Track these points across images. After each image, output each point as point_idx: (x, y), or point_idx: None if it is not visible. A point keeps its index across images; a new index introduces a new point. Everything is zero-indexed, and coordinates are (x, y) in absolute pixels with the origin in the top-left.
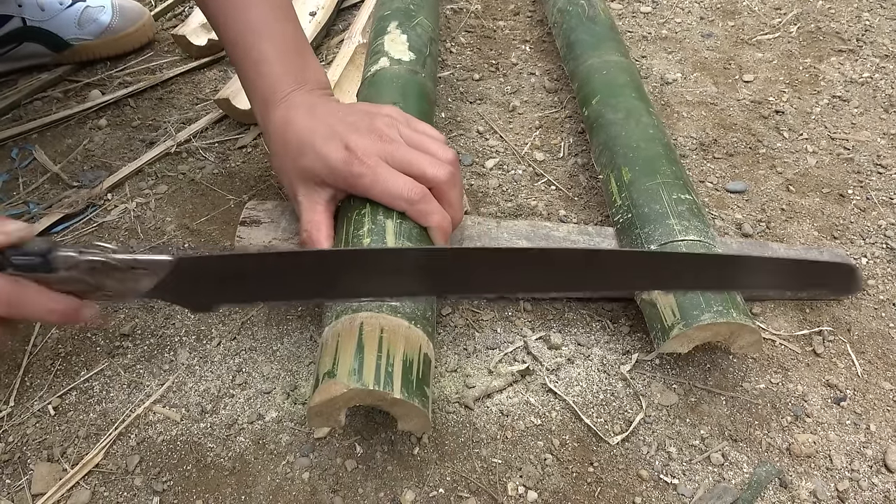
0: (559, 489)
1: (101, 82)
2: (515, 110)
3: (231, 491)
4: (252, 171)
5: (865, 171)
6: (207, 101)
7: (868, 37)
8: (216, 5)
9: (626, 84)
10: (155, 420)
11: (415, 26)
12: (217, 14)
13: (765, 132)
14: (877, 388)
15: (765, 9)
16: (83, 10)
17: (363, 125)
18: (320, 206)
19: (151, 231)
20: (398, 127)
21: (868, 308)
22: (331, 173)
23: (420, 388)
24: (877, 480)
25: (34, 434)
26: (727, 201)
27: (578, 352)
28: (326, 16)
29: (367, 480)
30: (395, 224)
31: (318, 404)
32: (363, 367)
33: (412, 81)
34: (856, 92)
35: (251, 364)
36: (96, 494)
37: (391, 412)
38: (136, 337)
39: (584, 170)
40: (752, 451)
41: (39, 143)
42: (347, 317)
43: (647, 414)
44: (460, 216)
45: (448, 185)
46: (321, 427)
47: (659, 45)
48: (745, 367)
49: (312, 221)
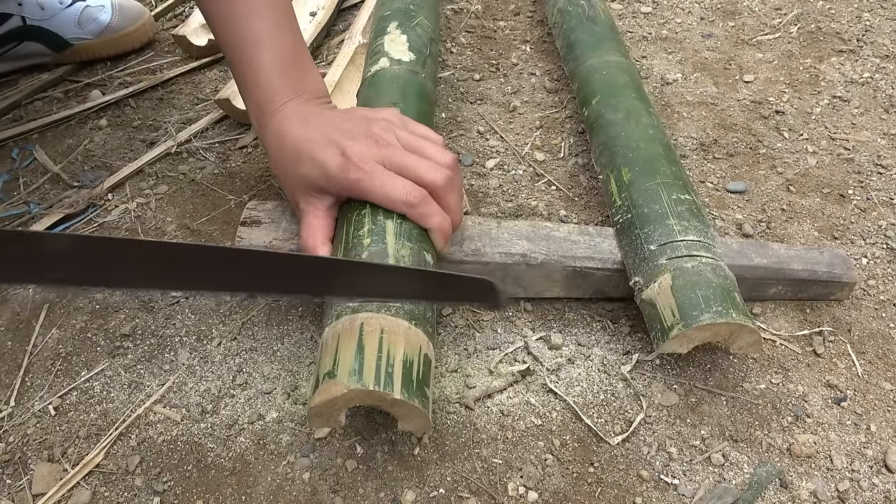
0: (560, 489)
1: (102, 82)
2: (516, 110)
3: (231, 491)
4: (252, 172)
5: (866, 171)
6: (208, 102)
7: (868, 37)
8: (219, 14)
9: (625, 84)
10: (155, 420)
11: (415, 26)
12: (219, 23)
13: (765, 132)
14: (877, 389)
15: (765, 9)
16: (83, 9)
17: (359, 131)
18: (320, 213)
19: (152, 231)
20: (395, 131)
21: (868, 308)
22: (329, 180)
23: (420, 389)
24: (877, 481)
25: (35, 434)
26: (727, 201)
27: (579, 352)
28: (327, 16)
29: (368, 481)
30: (395, 224)
31: (319, 405)
32: (363, 368)
33: (412, 82)
34: (856, 92)
35: (252, 364)
36: (97, 495)
37: (391, 412)
38: (137, 337)
39: (585, 170)
40: (752, 451)
41: (40, 143)
42: (347, 317)
43: (647, 414)
44: (459, 219)
45: (445, 189)
46: (321, 427)
47: (659, 45)
48: (745, 368)
49: (310, 226)
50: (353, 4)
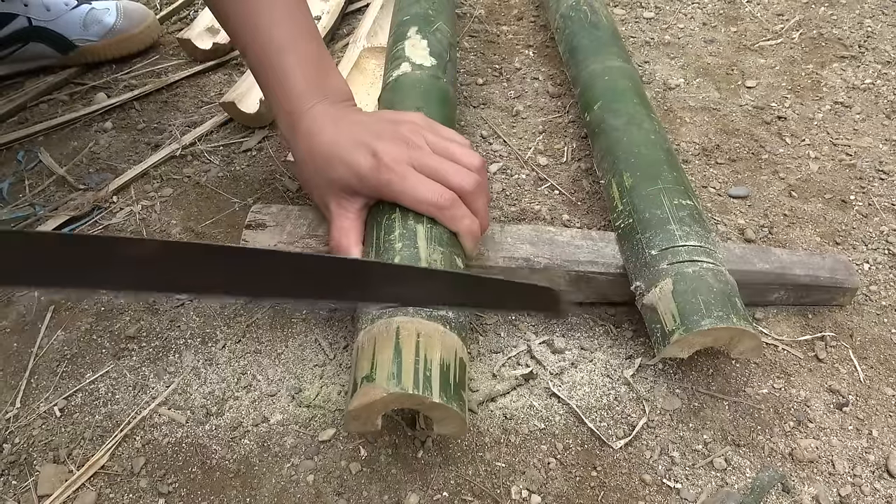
0: (562, 493)
1: (107, 85)
2: (519, 115)
3: (236, 493)
4: (257, 175)
5: (867, 176)
6: (212, 105)
7: (870, 43)
8: (241, 25)
9: (627, 89)
10: (160, 422)
11: (434, 31)
12: (241, 33)
13: (767, 138)
14: (879, 394)
15: (767, 15)
16: (88, 11)
17: (388, 133)
18: (351, 214)
19: (157, 234)
20: (423, 133)
21: (870, 314)
22: (360, 181)
23: (457, 392)
24: (879, 486)
25: (40, 435)
26: (730, 206)
27: (582, 356)
28: (331, 20)
29: (372, 483)
30: (425, 228)
31: (357, 408)
32: (402, 372)
33: (434, 87)
34: (858, 98)
35: (256, 367)
36: (102, 496)
37: (429, 416)
38: (142, 339)
39: (588, 174)
40: (754, 455)
41: (45, 146)
42: (383, 321)
43: (650, 418)
44: (486, 223)
45: (473, 194)
46: (358, 431)
47: (662, 50)
48: (747, 373)
49: (342, 228)
50: (358, 9)
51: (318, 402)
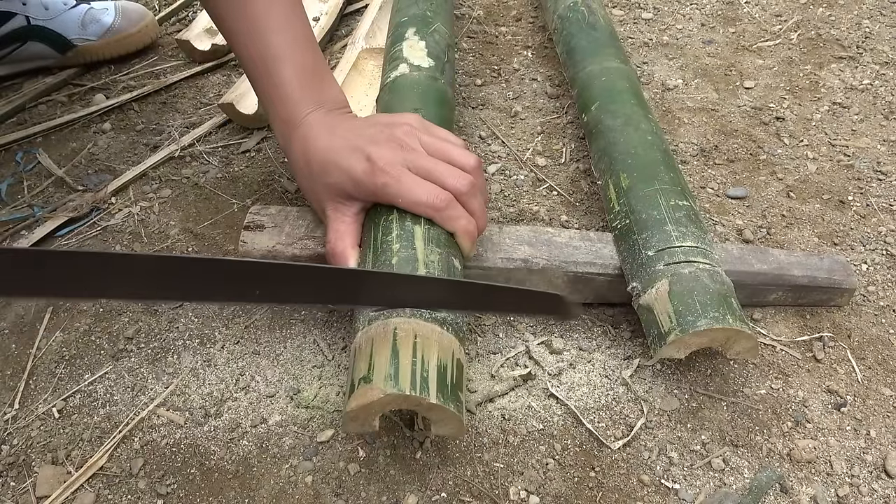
0: (561, 494)
1: (106, 86)
2: (517, 116)
3: (234, 494)
4: (255, 176)
5: (865, 177)
6: (211, 106)
7: (868, 44)
8: (238, 31)
9: (625, 90)
10: (159, 423)
11: (432, 32)
12: (238, 40)
13: (765, 138)
14: (877, 394)
15: (765, 16)
16: (87, 10)
17: (382, 136)
18: (348, 218)
19: (155, 235)
20: (418, 135)
21: (868, 314)
22: (356, 186)
23: (455, 393)
24: (877, 486)
25: (39, 437)
26: (728, 207)
27: (580, 357)
28: (330, 21)
29: (370, 484)
30: (423, 230)
31: (355, 409)
32: (399, 373)
33: (432, 88)
34: (856, 99)
35: (254, 368)
36: (100, 497)
37: (427, 417)
38: (140, 340)
39: (586, 175)
40: (752, 456)
41: (44, 147)
42: (380, 322)
43: (648, 419)
44: (484, 223)
45: (469, 194)
46: (356, 432)
47: (660, 51)
48: (745, 373)
49: (338, 231)
50: (356, 10)
51: (317, 403)
